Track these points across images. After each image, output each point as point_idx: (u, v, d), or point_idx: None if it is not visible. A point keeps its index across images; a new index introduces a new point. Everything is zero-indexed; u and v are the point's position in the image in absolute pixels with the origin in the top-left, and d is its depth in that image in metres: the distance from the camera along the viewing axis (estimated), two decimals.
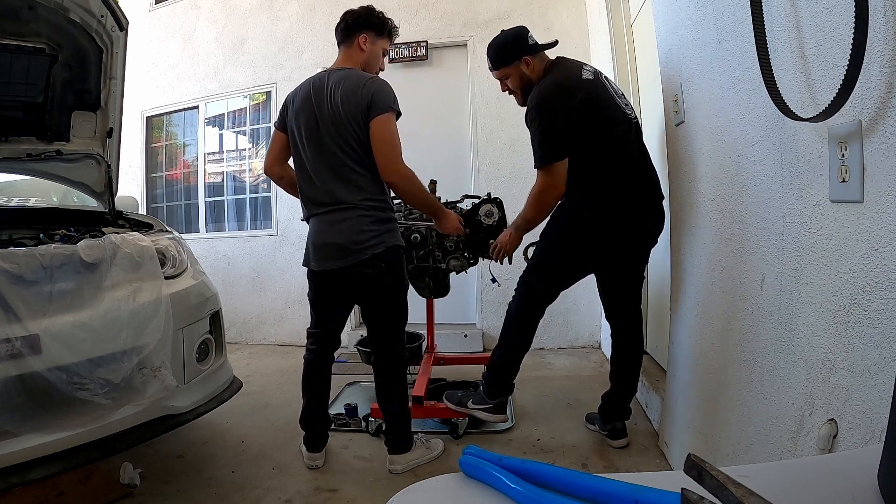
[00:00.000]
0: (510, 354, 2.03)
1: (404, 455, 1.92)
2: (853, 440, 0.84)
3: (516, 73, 1.94)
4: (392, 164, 1.75)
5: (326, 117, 1.77)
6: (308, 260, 1.91)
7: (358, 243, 1.77)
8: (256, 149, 4.32)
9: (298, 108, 1.84)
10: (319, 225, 1.85)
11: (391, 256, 1.82)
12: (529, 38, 1.93)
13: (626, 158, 1.86)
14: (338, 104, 1.75)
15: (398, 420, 1.93)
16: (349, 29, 1.88)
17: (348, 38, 1.89)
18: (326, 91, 1.79)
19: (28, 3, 1.78)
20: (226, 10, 4.25)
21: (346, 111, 1.75)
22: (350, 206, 1.78)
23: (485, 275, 2.69)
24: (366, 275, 1.80)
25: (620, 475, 0.42)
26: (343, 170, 1.78)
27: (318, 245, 1.85)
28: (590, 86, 1.83)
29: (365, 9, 1.91)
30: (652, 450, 2.02)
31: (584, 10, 3.61)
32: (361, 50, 1.88)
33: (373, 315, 1.91)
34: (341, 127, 1.76)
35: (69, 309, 1.53)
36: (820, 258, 0.96)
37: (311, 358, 1.99)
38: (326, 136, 1.78)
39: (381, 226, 1.81)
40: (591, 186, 1.86)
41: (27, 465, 1.37)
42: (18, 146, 2.11)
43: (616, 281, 2.03)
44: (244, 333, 4.14)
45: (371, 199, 1.80)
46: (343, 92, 1.76)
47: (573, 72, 1.88)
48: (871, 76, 0.78)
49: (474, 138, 3.72)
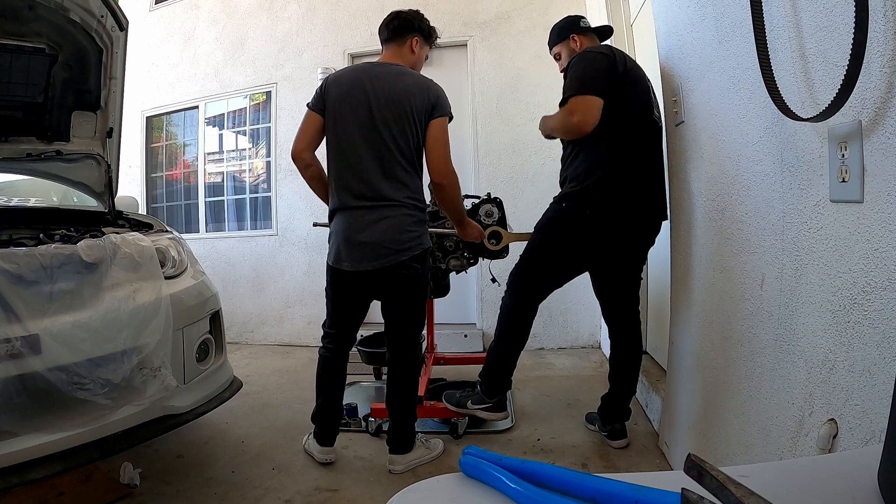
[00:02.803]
0: (504, 351, 2.02)
1: (405, 455, 1.92)
2: (853, 440, 0.84)
3: (566, 50, 2.07)
4: (445, 166, 1.78)
5: (385, 108, 1.73)
6: (339, 259, 1.81)
7: (400, 243, 1.74)
8: (256, 149, 4.32)
9: (345, 93, 1.77)
10: (354, 220, 1.77)
11: (425, 259, 1.83)
12: (582, 22, 2.08)
13: (641, 153, 1.86)
14: (401, 97, 1.74)
15: (404, 420, 1.93)
16: (402, 29, 1.89)
17: (400, 38, 1.89)
18: (385, 81, 1.76)
19: (28, 3, 1.78)
20: (226, 10, 4.25)
21: (412, 105, 1.74)
22: (394, 203, 1.75)
23: (485, 275, 2.69)
24: (402, 276, 1.77)
25: (620, 475, 0.42)
26: (391, 164, 1.75)
27: (355, 243, 1.76)
28: (632, 62, 1.91)
29: (416, 13, 1.94)
30: (652, 450, 2.02)
31: (584, 10, 3.60)
32: (412, 52, 1.91)
33: (397, 315, 1.89)
34: (403, 120, 1.74)
35: (69, 309, 1.52)
36: (820, 258, 0.96)
37: (328, 356, 1.95)
38: (382, 127, 1.74)
39: (420, 227, 1.80)
40: (599, 171, 1.84)
41: (27, 465, 1.37)
42: (18, 146, 2.11)
43: (612, 281, 2.03)
44: (244, 333, 4.14)
45: (413, 198, 1.79)
46: (408, 86, 1.76)
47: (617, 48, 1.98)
48: (871, 76, 0.78)
49: (474, 138, 3.72)
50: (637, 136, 1.85)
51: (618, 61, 1.83)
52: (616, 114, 1.79)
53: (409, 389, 1.93)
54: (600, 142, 1.81)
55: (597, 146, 1.83)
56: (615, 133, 1.81)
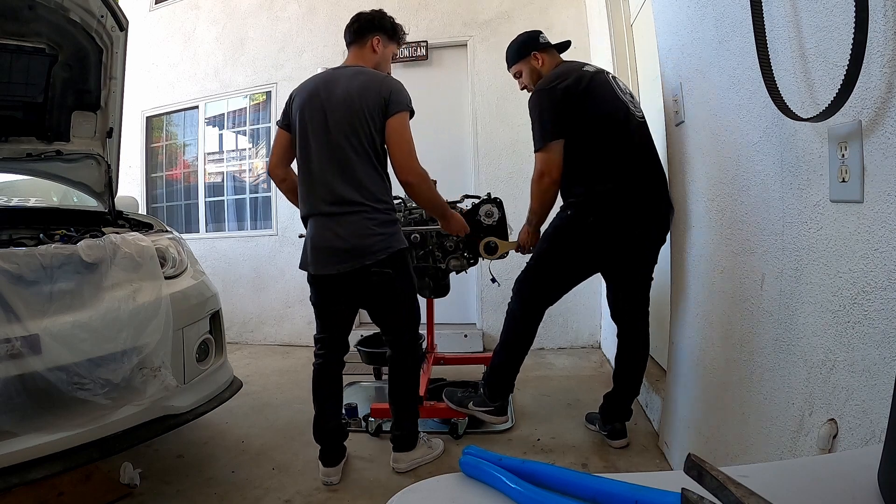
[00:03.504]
0: (510, 357, 2.04)
1: (408, 453, 1.92)
2: (853, 440, 0.84)
3: (527, 68, 2.07)
4: (409, 163, 1.74)
5: (338, 111, 1.72)
6: (305, 263, 1.82)
7: (362, 248, 1.71)
8: (256, 149, 4.32)
9: (304, 102, 1.78)
10: (320, 226, 1.77)
11: (398, 261, 1.78)
12: (541, 38, 2.06)
13: (627, 155, 1.86)
14: (353, 97, 1.72)
15: (407, 417, 1.92)
16: (362, 30, 1.88)
17: (361, 39, 1.88)
18: (339, 84, 1.75)
19: (28, 3, 1.78)
20: (226, 10, 4.25)
21: (363, 104, 1.71)
22: (354, 205, 1.72)
23: (485, 275, 2.69)
24: (373, 282, 1.75)
25: (620, 475, 0.42)
26: (349, 167, 1.72)
27: (318, 248, 1.76)
28: (588, 74, 1.90)
29: (378, 12, 1.92)
30: (652, 450, 2.02)
31: (583, 10, 3.61)
32: (374, 51, 1.88)
33: (386, 319, 1.88)
34: (354, 120, 1.71)
35: (69, 309, 1.53)
36: (820, 258, 0.96)
37: (321, 364, 1.89)
38: (335, 130, 1.72)
39: (386, 228, 1.75)
40: (590, 183, 1.86)
41: (27, 465, 1.37)
42: (18, 146, 2.11)
43: (624, 282, 2.02)
44: (244, 333, 4.14)
45: (376, 199, 1.74)
46: (360, 85, 1.73)
47: (575, 64, 1.99)
48: (871, 76, 0.78)
49: (474, 138, 3.73)
50: (618, 140, 1.85)
51: (572, 83, 1.84)
52: (589, 130, 1.84)
53: (409, 387, 1.92)
54: (585, 159, 1.86)
55: (584, 163, 1.86)
56: (596, 147, 1.85)
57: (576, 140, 1.85)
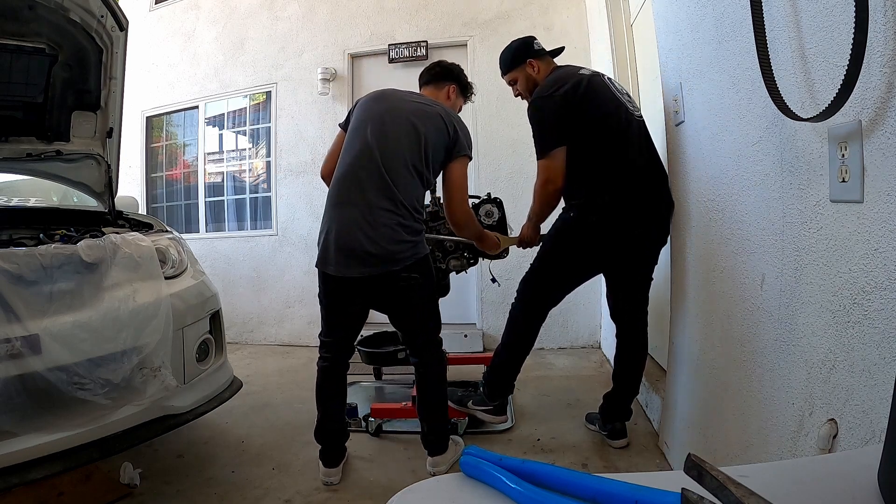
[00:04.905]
0: (511, 357, 2.05)
1: (444, 455, 1.92)
2: (853, 440, 0.84)
3: (523, 76, 2.06)
4: (461, 206, 1.88)
5: (405, 123, 1.78)
6: (325, 261, 1.76)
7: (392, 253, 1.71)
8: (256, 149, 4.33)
9: (377, 97, 1.87)
10: (348, 222, 1.72)
11: (424, 266, 1.81)
12: (535, 45, 2.04)
13: (629, 155, 1.86)
14: (427, 116, 1.80)
15: (440, 422, 1.92)
16: (442, 76, 2.02)
17: (438, 83, 2.01)
18: (414, 100, 1.88)
19: (28, 3, 1.78)
20: (226, 10, 4.25)
21: (433, 126, 1.80)
22: (389, 211, 1.72)
23: (485, 275, 2.69)
24: (400, 287, 1.76)
25: (620, 475, 0.42)
26: (400, 172, 1.75)
27: (343, 249, 1.71)
28: (585, 78, 1.89)
29: (457, 66, 2.08)
30: (652, 450, 2.02)
31: (584, 10, 3.61)
32: (448, 98, 2.01)
33: (410, 325, 1.89)
34: (420, 138, 1.77)
35: (69, 309, 1.53)
36: (820, 258, 0.96)
37: (326, 366, 1.88)
38: (404, 136, 1.77)
39: (415, 236, 1.78)
40: (592, 186, 1.87)
41: (27, 465, 1.37)
42: (18, 146, 2.11)
43: (624, 282, 2.03)
44: (244, 333, 4.14)
45: (413, 208, 1.77)
46: (434, 112, 1.82)
47: (570, 69, 1.98)
48: (871, 76, 0.78)
49: (474, 138, 3.70)
50: (619, 140, 1.86)
51: (570, 88, 1.84)
52: (590, 132, 1.84)
53: (439, 391, 1.93)
54: (588, 162, 1.86)
55: (587, 166, 1.87)
56: (598, 149, 1.85)
57: (578, 144, 1.85)
